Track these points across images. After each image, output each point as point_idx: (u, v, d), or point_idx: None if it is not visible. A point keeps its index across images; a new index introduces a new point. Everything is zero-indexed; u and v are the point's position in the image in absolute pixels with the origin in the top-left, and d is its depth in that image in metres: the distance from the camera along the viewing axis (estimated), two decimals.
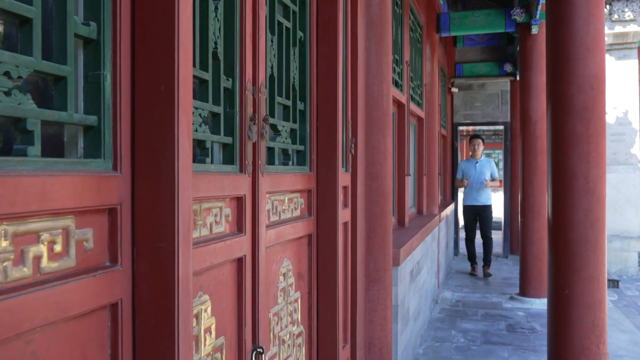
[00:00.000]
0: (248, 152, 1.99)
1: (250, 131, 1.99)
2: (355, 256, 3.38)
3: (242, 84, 1.97)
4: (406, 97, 5.49)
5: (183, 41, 1.30)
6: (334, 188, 2.79)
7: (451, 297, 7.06)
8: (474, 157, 8.89)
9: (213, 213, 1.80)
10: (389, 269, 3.69)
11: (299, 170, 2.57)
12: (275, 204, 2.30)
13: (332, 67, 2.76)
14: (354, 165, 3.34)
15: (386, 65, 3.68)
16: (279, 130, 2.38)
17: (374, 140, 3.59)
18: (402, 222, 5.41)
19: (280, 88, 2.41)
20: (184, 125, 1.31)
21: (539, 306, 6.49)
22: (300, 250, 2.63)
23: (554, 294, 3.51)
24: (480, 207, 8.72)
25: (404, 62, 5.40)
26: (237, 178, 1.92)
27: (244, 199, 1.97)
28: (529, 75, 6.64)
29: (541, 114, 6.56)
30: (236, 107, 1.95)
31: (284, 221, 2.39)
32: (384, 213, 3.64)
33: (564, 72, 3.35)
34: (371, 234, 3.61)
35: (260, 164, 2.08)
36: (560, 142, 3.40)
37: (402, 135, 5.40)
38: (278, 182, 2.29)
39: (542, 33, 6.57)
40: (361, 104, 3.45)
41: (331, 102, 2.76)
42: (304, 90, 2.65)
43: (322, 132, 2.77)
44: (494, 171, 8.74)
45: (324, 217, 2.79)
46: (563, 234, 3.40)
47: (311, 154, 2.70)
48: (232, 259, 1.90)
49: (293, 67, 2.54)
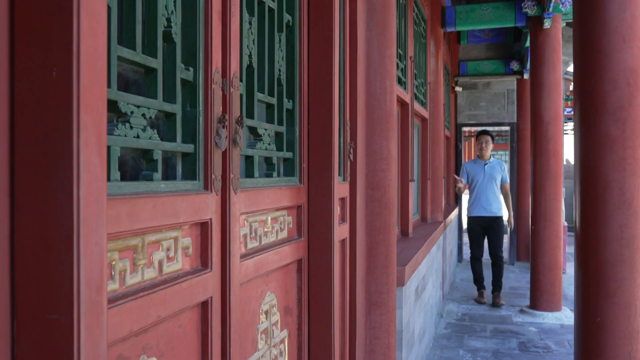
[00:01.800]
0: (216, 164, 1.54)
1: (218, 136, 1.53)
2: (354, 278, 2.93)
3: (208, 75, 1.52)
4: (410, 95, 5.04)
5: (90, 1, 0.85)
6: (329, 202, 2.34)
7: (457, 310, 6.60)
8: (481, 157, 7.22)
9: (164, 247, 1.34)
10: (392, 290, 3.24)
11: (286, 183, 2.12)
12: (254, 227, 1.85)
13: (327, 58, 2.31)
14: (353, 173, 2.89)
15: (389, 59, 3.23)
16: (260, 135, 1.92)
17: (375, 144, 3.14)
18: (406, 232, 4.95)
19: (261, 82, 1.95)
20: (90, 132, 0.85)
21: (552, 321, 6.04)
22: (288, 280, 2.17)
23: (583, 320, 3.05)
24: (490, 218, 7.01)
25: (408, 58, 4.95)
26: (199, 198, 1.46)
27: (210, 225, 1.52)
28: (540, 73, 6.18)
29: (554, 114, 6.11)
30: (199, 105, 1.49)
31: (265, 247, 1.93)
32: (387, 227, 3.19)
33: (595, 66, 2.89)
34: (373, 251, 3.16)
35: (232, 178, 1.62)
36: (590, 147, 2.94)
37: (406, 137, 4.95)
38: (258, 199, 1.83)
39: (554, 27, 6.12)
40: (361, 103, 2.99)
41: (325, 100, 2.30)
42: (292, 86, 2.19)
43: (315, 135, 2.31)
44: (505, 175, 7.18)
45: (316, 237, 2.33)
46: (594, 252, 2.94)
47: (301, 162, 2.24)
48: (192, 305, 1.44)
49: (278, 57, 2.08)
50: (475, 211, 7.10)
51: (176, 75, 1.42)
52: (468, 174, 7.24)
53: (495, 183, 7.05)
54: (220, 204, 1.58)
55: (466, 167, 7.35)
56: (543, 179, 6.14)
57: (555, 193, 6.12)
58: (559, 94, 6.14)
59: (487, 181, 7.03)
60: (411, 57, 5.03)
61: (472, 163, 7.30)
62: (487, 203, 7.02)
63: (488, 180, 7.03)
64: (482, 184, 7.03)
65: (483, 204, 7.03)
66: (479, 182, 7.06)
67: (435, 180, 6.58)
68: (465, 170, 7.30)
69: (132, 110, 1.24)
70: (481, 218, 7.07)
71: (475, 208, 7.11)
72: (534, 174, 6.23)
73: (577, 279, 3.12)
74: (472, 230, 7.20)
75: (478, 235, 7.16)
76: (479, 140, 7.27)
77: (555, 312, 6.13)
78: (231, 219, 1.62)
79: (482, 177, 7.05)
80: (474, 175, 7.15)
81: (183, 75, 1.45)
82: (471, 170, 7.21)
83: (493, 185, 7.03)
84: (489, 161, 7.16)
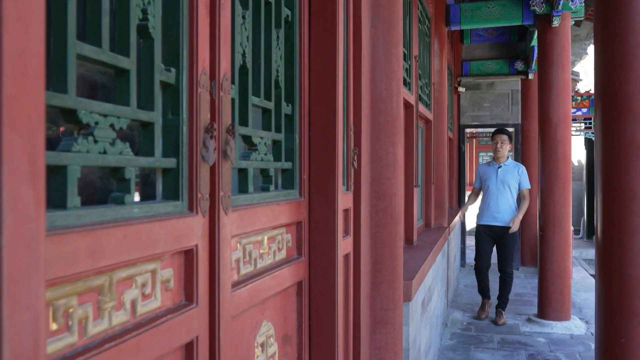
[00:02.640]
0: (202, 181, 1.32)
1: (205, 149, 1.31)
2: (358, 295, 2.71)
3: (193, 77, 1.29)
4: (415, 97, 4.81)
5: None
6: (333, 216, 2.12)
7: (462, 319, 6.38)
8: (496, 159, 6.36)
9: (138, 283, 1.12)
10: (399, 307, 3.01)
11: (285, 197, 1.89)
12: (248, 250, 1.62)
13: (330, 57, 2.09)
14: (357, 182, 2.67)
15: (396, 58, 3.01)
16: (255, 144, 1.70)
17: (381, 150, 2.92)
18: (410, 240, 4.73)
19: (256, 84, 1.73)
20: (18, 155, 0.63)
21: (561, 330, 5.81)
22: (287, 305, 1.94)
23: (605, 340, 2.83)
24: (500, 229, 6.21)
25: (413, 57, 4.72)
26: (183, 222, 1.24)
27: (196, 252, 1.29)
28: (548, 73, 5.96)
29: (563, 115, 5.88)
30: (182, 112, 1.27)
31: (262, 271, 1.70)
32: (394, 239, 2.97)
33: (620, 65, 2.67)
34: (378, 265, 2.93)
35: (222, 197, 1.40)
36: (614, 154, 2.72)
37: (410, 140, 4.73)
38: (253, 219, 1.61)
39: (564, 26, 5.90)
40: (366, 106, 2.77)
41: (329, 103, 2.08)
42: (291, 88, 1.97)
43: (317, 142, 2.09)
44: (523, 180, 6.27)
45: (319, 255, 2.11)
46: (618, 268, 2.71)
47: (301, 173, 2.02)
48: (175, 348, 1.22)
49: (276, 56, 1.86)
50: (484, 219, 6.34)
51: (154, 77, 1.20)
52: (481, 178, 6.50)
53: (510, 189, 6.23)
54: (208, 227, 1.36)
55: (480, 170, 6.60)
56: (552, 183, 5.92)
57: (565, 197, 5.90)
58: (568, 95, 5.92)
59: (498, 186, 6.24)
60: (416, 56, 4.80)
61: (486, 166, 6.54)
62: (496, 211, 6.22)
63: (499, 186, 6.23)
64: (493, 190, 6.26)
65: (492, 211, 6.25)
66: (490, 187, 6.31)
67: (440, 185, 6.36)
68: (479, 174, 6.57)
69: (96, 121, 1.02)
70: (489, 227, 6.29)
71: (484, 215, 6.36)
72: (542, 177, 6.01)
73: (598, 295, 2.90)
74: (479, 239, 6.39)
75: (485, 245, 6.33)
76: (493, 140, 6.40)
77: (564, 322, 5.90)
78: (221, 243, 1.39)
79: (494, 181, 6.29)
80: (485, 180, 6.40)
81: (163, 77, 1.23)
82: (484, 173, 6.45)
83: (506, 192, 6.21)
84: (504, 164, 6.30)
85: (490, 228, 6.28)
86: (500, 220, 6.21)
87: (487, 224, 6.30)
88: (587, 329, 5.95)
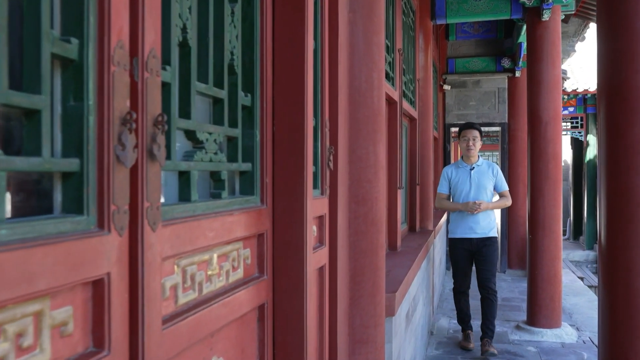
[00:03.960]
0: (118, 188, 1.00)
1: (121, 146, 0.99)
2: (334, 313, 2.40)
3: (105, 51, 0.98)
4: (399, 93, 4.51)
5: None
6: (301, 225, 1.80)
7: (448, 326, 6.09)
8: (467, 159, 5.24)
9: (9, 335, 0.80)
10: (380, 323, 2.71)
11: (242, 205, 1.57)
12: (190, 272, 1.30)
13: (298, 41, 1.77)
14: (333, 185, 2.36)
15: (377, 47, 2.70)
16: (201, 141, 1.38)
17: (361, 149, 2.61)
18: (394, 245, 4.43)
19: (203, 68, 1.41)
20: None
21: (552, 339, 5.55)
22: (245, 334, 1.63)
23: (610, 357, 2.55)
24: (479, 241, 5.11)
25: (396, 50, 4.42)
26: (87, 244, 0.92)
27: (108, 283, 0.98)
28: (538, 69, 5.69)
29: (553, 113, 5.62)
30: (88, 96, 0.95)
31: (210, 298, 1.38)
32: (375, 248, 2.67)
33: (627, 55, 2.39)
34: (357, 278, 2.63)
35: (148, 208, 1.08)
36: (619, 154, 2.44)
37: (394, 139, 4.43)
38: (195, 234, 1.29)
39: (554, 20, 5.63)
40: (343, 99, 2.47)
41: (296, 94, 1.77)
42: (250, 75, 1.65)
43: (282, 140, 1.77)
44: (500, 182, 5.23)
45: (285, 272, 1.79)
46: (625, 280, 2.44)
47: (263, 176, 1.70)
48: None
49: (231, 36, 1.54)
50: (460, 231, 5.19)
51: (41, 49, 0.88)
52: (450, 183, 5.30)
53: (486, 193, 5.17)
54: (128, 248, 1.04)
55: (447, 173, 5.35)
56: (541, 184, 5.65)
57: (555, 199, 5.64)
58: (559, 92, 5.66)
59: (474, 191, 5.15)
60: (399, 49, 4.50)
61: (455, 168, 5.34)
62: (474, 221, 5.11)
63: (476, 190, 5.15)
64: (468, 196, 5.16)
65: (469, 222, 5.12)
66: (464, 192, 5.19)
67: (425, 186, 6.08)
68: (447, 177, 5.32)
69: None
70: (467, 241, 5.15)
71: (459, 227, 5.20)
72: (532, 178, 5.74)
73: (602, 309, 2.62)
74: (456, 256, 5.27)
75: (463, 262, 5.23)
76: (463, 136, 5.25)
77: (555, 329, 5.64)
78: (147, 268, 1.07)
79: (468, 186, 5.17)
80: (457, 184, 5.24)
81: (58, 49, 0.91)
82: (454, 177, 5.28)
83: (482, 197, 5.13)
84: (476, 164, 5.23)
85: (468, 242, 5.16)
86: (479, 231, 5.12)
87: (463, 237, 5.17)
88: (579, 337, 5.71)
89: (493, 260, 5.17)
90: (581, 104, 13.54)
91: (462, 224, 5.17)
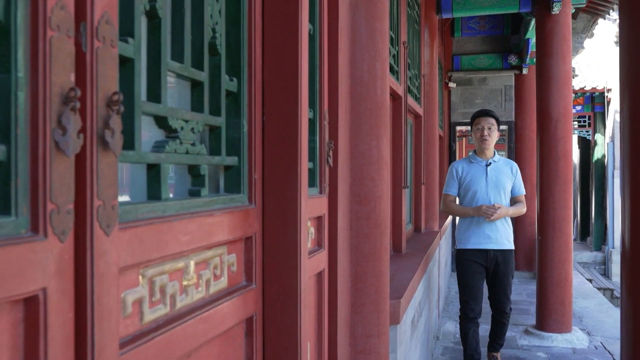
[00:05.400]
0: (57, 183, 0.80)
1: (61, 130, 0.79)
2: (334, 321, 2.21)
3: (39, 12, 0.78)
4: (403, 87, 4.31)
5: None
6: (294, 226, 1.60)
7: (454, 330, 5.88)
8: (481, 152, 4.27)
9: None
10: (384, 332, 2.52)
11: (225, 205, 1.37)
12: (159, 284, 1.10)
13: (291, 16, 1.57)
14: (333, 183, 2.17)
15: (380, 35, 2.51)
16: (175, 129, 1.18)
17: (363, 144, 2.41)
18: (399, 247, 4.23)
19: (178, 45, 1.21)
20: None
21: (563, 344, 5.34)
22: (230, 351, 1.42)
23: None
24: (497, 254, 4.16)
25: (401, 43, 4.22)
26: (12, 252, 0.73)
27: (44, 301, 0.78)
28: (548, 64, 5.47)
29: (564, 110, 5.40)
30: (17, 67, 0.76)
31: (185, 313, 1.18)
32: (378, 251, 2.47)
33: None
34: (359, 283, 2.44)
35: (99, 208, 0.88)
36: None
37: (398, 136, 4.22)
38: (165, 238, 1.09)
39: (564, 13, 5.42)
40: (344, 90, 2.27)
41: (289, 80, 1.57)
42: (237, 56, 1.45)
43: (273, 131, 1.58)
44: (519, 183, 4.29)
45: (276, 280, 1.59)
46: None
47: (252, 172, 1.50)
48: None
49: (212, 10, 1.34)
50: (473, 241, 4.17)
51: None
52: (460, 181, 4.29)
53: (504, 194, 4.20)
54: (72, 256, 0.84)
55: (456, 169, 4.32)
56: (551, 184, 5.44)
57: (565, 200, 5.43)
58: (569, 88, 5.45)
59: (491, 191, 4.16)
60: (404, 42, 4.30)
61: (466, 163, 4.33)
62: (490, 229, 4.13)
63: (492, 191, 4.16)
64: (483, 197, 4.16)
65: (485, 229, 4.13)
66: (478, 193, 4.17)
67: (430, 185, 5.87)
68: (456, 175, 4.31)
69: None
70: (482, 253, 4.15)
71: (472, 236, 4.18)
72: (541, 178, 5.53)
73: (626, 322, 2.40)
74: (466, 273, 4.20)
75: (476, 281, 4.19)
76: (477, 124, 4.25)
77: (565, 334, 5.42)
78: (97, 281, 0.88)
79: (483, 185, 4.17)
80: (469, 183, 4.22)
81: None
82: (465, 174, 4.27)
83: (500, 199, 4.16)
84: (493, 159, 4.25)
85: (483, 255, 4.16)
86: (498, 241, 4.16)
87: (478, 248, 4.15)
88: (590, 342, 5.49)
89: (509, 280, 4.28)
90: (589, 103, 13.31)
91: (477, 232, 4.16)
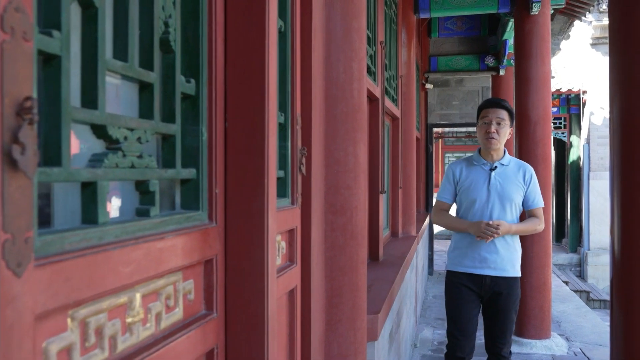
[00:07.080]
0: None
1: None
2: (308, 341, 2.05)
3: None
4: (380, 89, 4.17)
5: None
6: (261, 245, 1.43)
7: (432, 337, 5.77)
8: (485, 153, 3.34)
9: None
10: (361, 350, 2.36)
11: (180, 225, 1.20)
12: (95, 325, 0.92)
13: (258, 10, 1.40)
14: (306, 192, 2.00)
15: (357, 34, 2.35)
16: (117, 139, 1.00)
17: (338, 150, 2.26)
18: (376, 255, 4.08)
19: (121, 41, 1.03)
20: None
21: (542, 350, 5.25)
22: None
23: None
24: (495, 282, 3.27)
25: (378, 43, 4.08)
26: None
27: None
28: (526, 66, 5.39)
29: (543, 112, 5.32)
30: None
31: (129, 356, 1.00)
32: (355, 264, 2.32)
33: None
34: (335, 299, 2.28)
35: (5, 243, 0.69)
36: None
37: (376, 140, 4.08)
38: (100, 271, 0.91)
39: (543, 13, 5.34)
40: (318, 93, 2.11)
41: (255, 81, 1.40)
42: (194, 55, 1.28)
43: (237, 139, 1.40)
44: (533, 193, 3.35)
45: (240, 307, 1.42)
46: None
47: (212, 186, 1.33)
48: None
49: (165, 0, 1.17)
50: (467, 263, 3.29)
51: None
52: (458, 186, 3.38)
53: (511, 208, 3.27)
54: None
55: (453, 172, 3.42)
56: None
57: (544, 204, 5.33)
58: (549, 90, 5.37)
59: (493, 204, 3.24)
60: (382, 42, 4.16)
61: (466, 165, 3.41)
62: (488, 250, 3.23)
63: (495, 202, 3.24)
64: (482, 209, 3.25)
65: (481, 250, 3.23)
66: (477, 204, 3.26)
67: (408, 189, 5.74)
68: (452, 178, 3.41)
69: None
70: (475, 279, 3.28)
71: (465, 257, 3.30)
72: None
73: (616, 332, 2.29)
74: (454, 297, 3.36)
75: (464, 309, 3.32)
76: (483, 117, 3.31)
77: (544, 340, 5.34)
78: (4, 334, 0.70)
79: (484, 194, 3.26)
80: (467, 190, 3.32)
81: None
82: (465, 178, 3.35)
83: (505, 213, 3.25)
84: (500, 162, 3.32)
85: (477, 281, 3.27)
86: (497, 265, 3.24)
87: (471, 272, 3.27)
88: (569, 348, 5.42)
89: (512, 316, 3.39)
90: (564, 104, 13.36)
91: (470, 253, 3.26)
